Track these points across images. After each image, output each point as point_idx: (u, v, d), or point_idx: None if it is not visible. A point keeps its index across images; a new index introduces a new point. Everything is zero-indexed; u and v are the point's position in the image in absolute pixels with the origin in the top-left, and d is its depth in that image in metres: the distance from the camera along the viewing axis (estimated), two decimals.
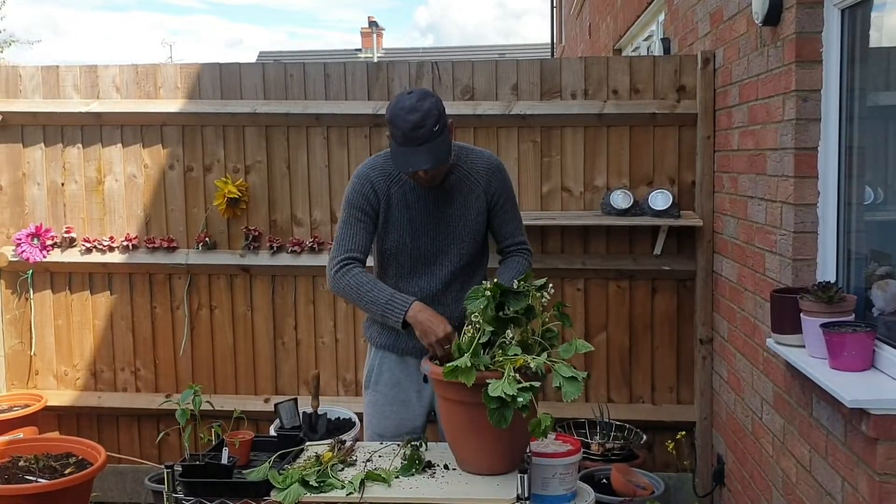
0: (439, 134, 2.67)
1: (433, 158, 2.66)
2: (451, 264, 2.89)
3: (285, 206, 4.19)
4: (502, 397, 2.26)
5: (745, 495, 3.38)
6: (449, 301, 2.88)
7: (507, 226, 2.97)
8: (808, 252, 2.76)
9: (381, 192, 2.82)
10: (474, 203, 2.88)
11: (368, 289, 2.75)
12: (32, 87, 4.27)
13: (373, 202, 2.82)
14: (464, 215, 2.87)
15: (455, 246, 2.89)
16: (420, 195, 2.83)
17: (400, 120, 2.63)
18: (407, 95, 2.68)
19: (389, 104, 2.71)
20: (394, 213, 2.84)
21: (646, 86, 3.98)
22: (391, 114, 2.67)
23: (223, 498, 2.49)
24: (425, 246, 2.87)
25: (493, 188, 2.90)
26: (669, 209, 3.86)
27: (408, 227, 2.84)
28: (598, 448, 3.84)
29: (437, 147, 2.67)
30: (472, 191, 2.87)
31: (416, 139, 2.62)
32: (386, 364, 2.97)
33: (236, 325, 4.27)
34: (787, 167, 2.80)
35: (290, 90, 4.14)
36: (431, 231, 2.86)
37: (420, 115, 2.62)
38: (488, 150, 3.15)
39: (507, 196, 2.95)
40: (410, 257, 2.88)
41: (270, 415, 4.03)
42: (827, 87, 2.70)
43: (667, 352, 4.08)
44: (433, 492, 2.47)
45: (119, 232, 4.28)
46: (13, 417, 3.99)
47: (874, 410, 2.06)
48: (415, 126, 2.62)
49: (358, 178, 2.86)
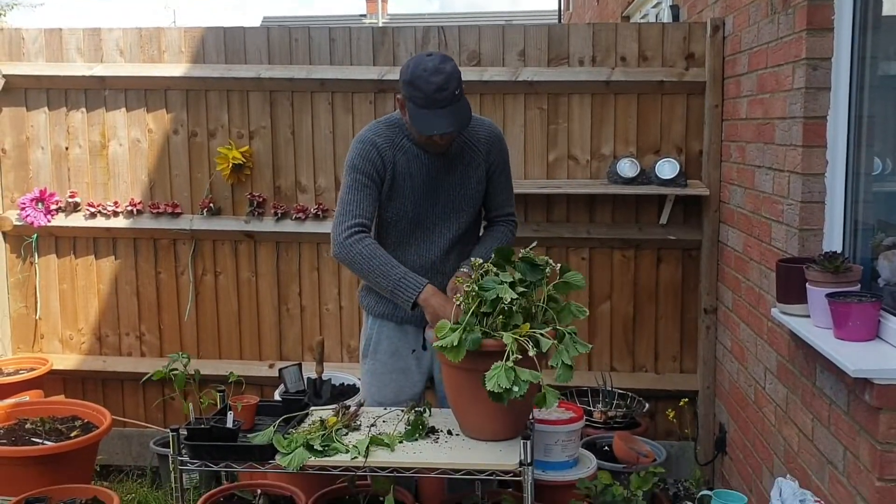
0: (460, 97, 2.66)
1: (456, 122, 2.66)
2: (451, 232, 2.89)
3: (289, 173, 4.18)
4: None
5: (746, 463, 3.40)
6: (447, 270, 2.88)
7: (500, 196, 2.97)
8: (815, 222, 2.74)
9: (387, 159, 2.80)
10: (475, 172, 2.87)
11: (381, 262, 2.71)
12: (35, 50, 4.24)
13: (379, 169, 2.79)
14: (464, 184, 2.86)
15: (455, 214, 2.88)
16: (423, 163, 2.82)
17: (423, 81, 2.60)
18: (428, 57, 2.65)
19: (408, 65, 2.67)
20: (398, 180, 2.82)
21: (654, 53, 3.94)
22: (412, 75, 2.63)
23: (228, 461, 2.52)
24: (426, 214, 2.86)
25: (492, 157, 2.90)
26: (676, 178, 3.84)
27: (410, 194, 2.83)
28: (601, 416, 3.86)
29: (460, 110, 2.66)
30: (474, 159, 2.86)
31: (440, 101, 2.61)
32: (384, 332, 2.97)
33: (241, 291, 4.27)
34: (796, 136, 2.78)
35: (295, 55, 4.11)
36: (432, 199, 2.85)
37: (444, 77, 2.61)
38: (489, 118, 3.13)
39: (504, 166, 2.95)
40: (410, 225, 2.87)
41: (275, 380, 4.07)
42: (838, 56, 2.66)
43: (670, 321, 4.08)
44: (437, 457, 2.50)
45: (123, 197, 4.27)
46: (19, 381, 4.02)
47: (878, 380, 2.06)
48: (439, 88, 2.60)
49: (363, 144, 2.81)
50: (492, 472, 2.46)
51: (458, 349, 2.37)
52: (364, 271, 2.75)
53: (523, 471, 2.42)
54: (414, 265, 2.83)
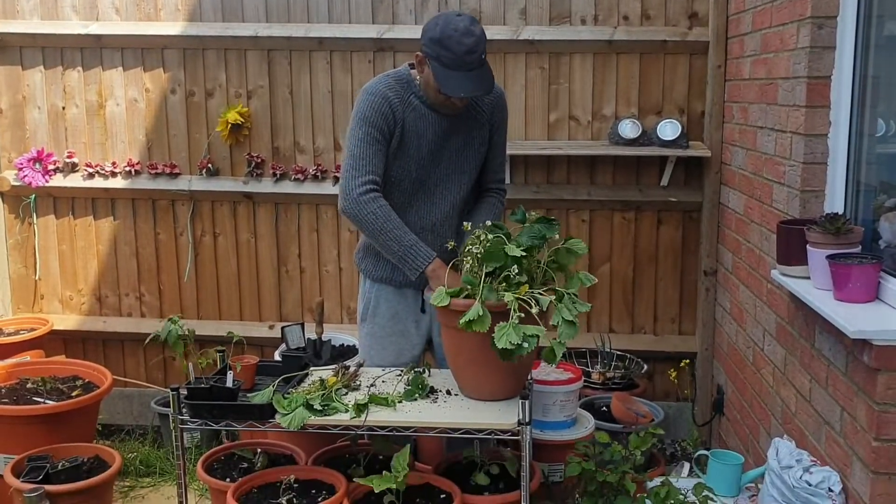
0: (485, 61, 2.65)
1: (484, 85, 2.64)
2: (452, 195, 2.87)
3: (288, 133, 4.15)
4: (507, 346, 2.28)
5: (743, 424, 3.42)
6: (446, 233, 2.87)
7: (495, 161, 2.95)
8: (817, 183, 2.72)
9: (398, 115, 2.74)
10: (479, 133, 2.85)
11: (394, 226, 2.69)
12: (30, 8, 4.18)
13: (390, 124, 2.73)
14: (468, 145, 2.84)
15: (457, 176, 2.86)
16: (430, 122, 2.78)
17: (454, 42, 2.56)
18: (458, 17, 2.62)
19: (436, 23, 2.62)
20: (405, 139, 2.77)
21: (657, 12, 3.88)
22: (442, 34, 2.58)
23: (228, 420, 2.53)
24: (429, 175, 2.83)
25: (495, 120, 2.87)
26: (678, 139, 3.81)
27: (415, 154, 2.79)
28: (599, 377, 3.88)
29: (486, 74, 2.66)
30: (478, 121, 2.84)
31: (469, 64, 2.58)
32: (383, 296, 2.96)
33: (240, 252, 4.27)
34: (799, 96, 2.75)
35: (293, 13, 4.05)
36: (437, 160, 2.82)
37: (475, 40, 2.59)
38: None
39: (503, 127, 2.94)
40: (413, 185, 2.83)
41: (275, 341, 4.09)
42: (843, 14, 2.62)
43: (670, 283, 4.08)
44: (435, 416, 2.51)
45: (121, 157, 4.24)
46: (20, 340, 4.03)
47: (877, 341, 2.06)
48: (469, 50, 2.57)
49: (374, 96, 2.72)
50: (490, 431, 2.48)
51: (483, 319, 2.35)
52: (374, 232, 2.70)
53: (521, 430, 2.43)
54: (414, 226, 2.81)
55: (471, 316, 2.34)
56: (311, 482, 2.79)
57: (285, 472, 2.83)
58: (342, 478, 2.73)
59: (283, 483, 2.75)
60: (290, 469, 2.86)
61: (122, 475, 3.75)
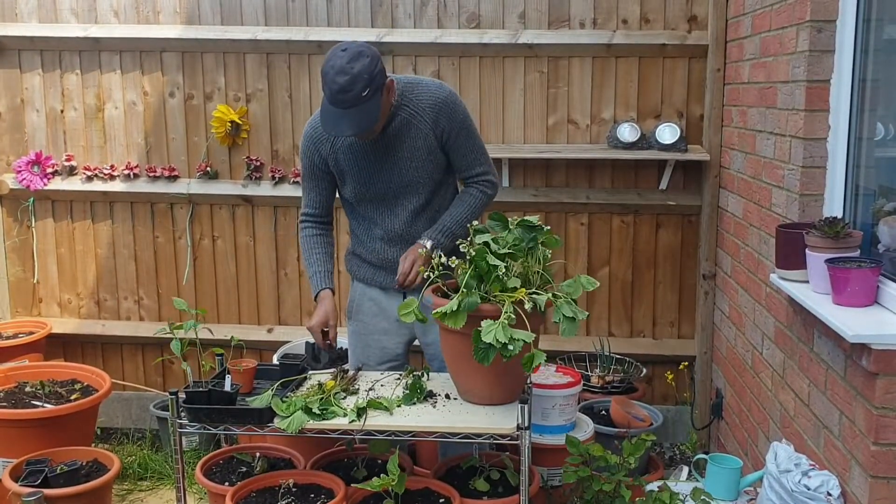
0: (368, 98, 2.55)
1: (355, 125, 2.57)
2: (412, 204, 2.88)
3: (287, 136, 4.14)
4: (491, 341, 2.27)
5: (742, 428, 3.42)
6: (417, 234, 2.88)
7: (463, 158, 2.87)
8: (816, 187, 2.72)
9: (325, 152, 2.85)
10: (423, 143, 2.79)
11: (307, 255, 2.98)
12: (28, 11, 4.18)
13: (317, 162, 2.88)
14: (413, 156, 2.81)
15: (412, 187, 2.86)
16: (365, 145, 2.80)
17: (329, 79, 2.54)
18: (341, 53, 2.55)
19: (326, 57, 2.60)
20: (343, 166, 2.85)
21: (656, 16, 3.89)
22: (322, 69, 2.58)
23: (226, 424, 2.53)
24: (382, 191, 2.86)
25: (441, 124, 2.78)
26: (677, 143, 3.81)
27: (359, 176, 2.85)
28: (599, 380, 3.88)
29: (363, 113, 2.56)
30: (420, 130, 2.78)
31: (342, 102, 2.53)
32: (367, 294, 3.02)
33: (239, 255, 4.26)
34: (798, 100, 2.75)
35: (292, 16, 4.05)
36: (385, 176, 2.83)
37: (348, 79, 2.51)
38: (438, 80, 2.97)
39: (458, 128, 2.81)
40: (370, 203, 2.90)
41: (273, 344, 4.09)
42: (843, 18, 2.62)
43: (669, 287, 4.08)
44: (434, 420, 2.51)
45: (119, 160, 4.24)
46: (18, 344, 4.02)
47: (875, 345, 2.06)
48: (341, 89, 2.52)
49: (304, 140, 2.90)
50: (489, 435, 2.47)
51: (458, 315, 2.37)
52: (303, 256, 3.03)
53: (520, 434, 2.43)
54: (383, 237, 2.92)
55: (446, 309, 2.35)
56: (310, 486, 2.78)
57: (284, 475, 2.83)
58: (341, 482, 2.73)
59: (282, 487, 2.75)
60: (289, 473, 2.85)
61: (121, 479, 3.75)
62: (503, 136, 4.03)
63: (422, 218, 2.89)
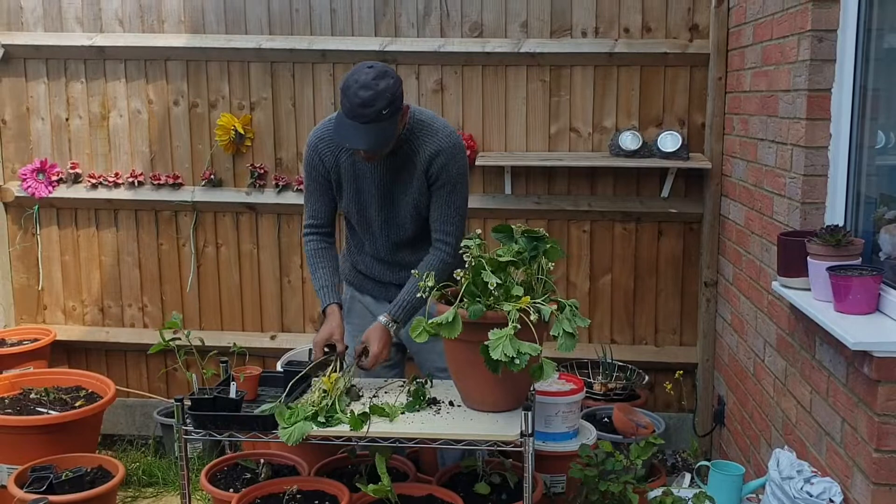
0: (387, 118, 2.59)
1: (370, 141, 2.60)
2: (397, 235, 2.92)
3: (291, 144, 4.17)
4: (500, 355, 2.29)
5: (744, 435, 3.43)
6: (403, 262, 2.94)
7: (436, 212, 2.84)
8: (818, 195, 2.74)
9: (328, 163, 2.87)
10: (416, 182, 2.83)
11: (313, 269, 2.97)
12: (34, 20, 4.20)
13: (321, 172, 2.89)
14: (406, 191, 2.85)
15: (400, 218, 2.89)
16: (367, 167, 2.83)
17: (351, 92, 2.57)
18: (367, 69, 2.60)
19: (349, 72, 2.64)
20: (342, 182, 2.89)
21: (658, 24, 3.91)
22: (344, 83, 2.61)
23: (231, 431, 2.54)
24: (371, 215, 2.91)
25: (432, 170, 2.78)
26: (678, 151, 3.83)
27: (355, 196, 2.88)
28: (601, 388, 3.89)
29: (379, 131, 2.59)
30: (415, 169, 2.81)
31: (362, 116, 2.56)
32: (358, 297, 3.10)
33: (242, 262, 4.28)
34: (800, 109, 2.77)
35: (296, 25, 4.08)
36: (378, 202, 2.87)
37: (372, 95, 2.55)
38: (452, 127, 2.91)
39: (444, 181, 2.78)
40: (359, 224, 2.95)
41: (277, 351, 4.10)
42: (844, 28, 2.64)
43: (671, 294, 4.10)
44: (438, 427, 2.52)
45: (124, 168, 4.26)
46: (23, 351, 4.04)
47: (877, 353, 2.07)
48: (364, 103, 2.55)
49: (308, 149, 2.92)
50: (493, 442, 2.48)
51: (453, 326, 2.39)
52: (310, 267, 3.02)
53: (524, 441, 2.44)
54: (372, 255, 2.99)
55: (441, 320, 2.38)
56: (314, 493, 2.80)
57: (288, 482, 2.84)
58: (345, 489, 2.74)
59: (287, 494, 2.76)
60: (294, 480, 2.87)
61: (125, 485, 3.76)
62: (505, 144, 4.05)
63: (406, 249, 2.95)
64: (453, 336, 2.38)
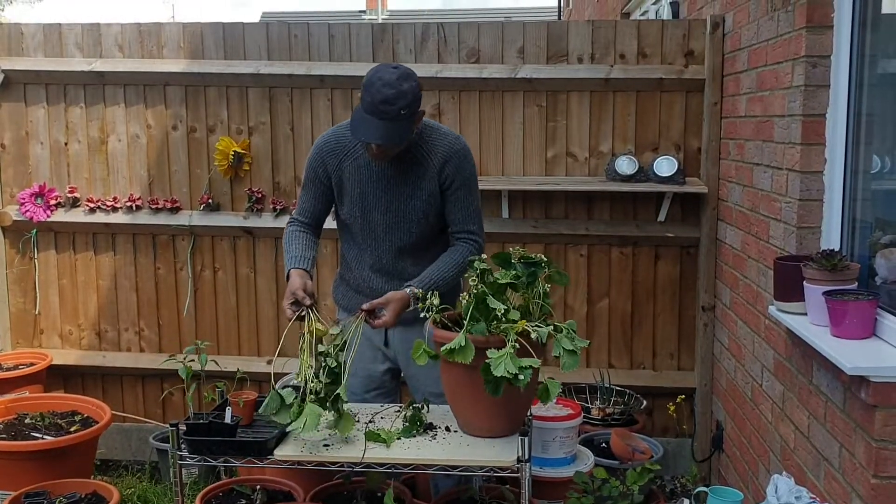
0: (405, 118, 2.64)
1: (386, 136, 2.64)
2: (401, 241, 2.91)
3: (289, 169, 4.18)
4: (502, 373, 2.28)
5: (742, 460, 3.41)
6: (402, 273, 2.91)
7: (457, 213, 2.89)
8: (813, 220, 2.75)
9: (331, 167, 2.88)
10: (427, 185, 2.85)
11: (287, 246, 2.91)
12: (34, 46, 4.24)
13: (321, 175, 2.90)
14: (414, 195, 2.86)
15: (405, 223, 2.89)
16: (373, 171, 2.84)
17: (374, 89, 2.61)
18: (392, 69, 2.65)
19: (371, 69, 2.68)
20: (346, 186, 2.88)
21: (653, 50, 3.94)
22: (368, 79, 2.65)
23: (226, 456, 2.52)
24: (376, 220, 2.90)
25: (445, 173, 2.83)
26: (674, 176, 3.84)
27: (359, 201, 2.88)
28: (599, 413, 3.87)
29: (397, 128, 2.64)
30: (426, 172, 2.84)
31: (382, 113, 2.60)
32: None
33: (239, 286, 4.28)
34: (795, 134, 2.78)
35: (294, 51, 4.11)
36: (382, 207, 2.87)
37: (394, 93, 2.60)
38: (458, 133, 3.02)
39: (460, 183, 2.85)
40: (362, 230, 2.93)
41: (275, 376, 4.07)
42: (837, 54, 2.67)
43: (668, 318, 4.09)
44: (434, 453, 2.50)
45: (122, 192, 4.27)
46: (19, 375, 4.02)
47: (874, 378, 2.07)
48: (386, 101, 2.59)
49: (314, 149, 2.94)
50: (489, 468, 2.47)
51: (465, 350, 2.37)
52: (284, 249, 2.95)
53: (520, 467, 2.42)
54: (371, 265, 2.95)
55: (454, 345, 2.37)
56: None
57: None
58: None
59: None
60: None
61: None
62: (503, 168, 4.07)
63: (408, 258, 2.93)
64: (468, 360, 2.36)
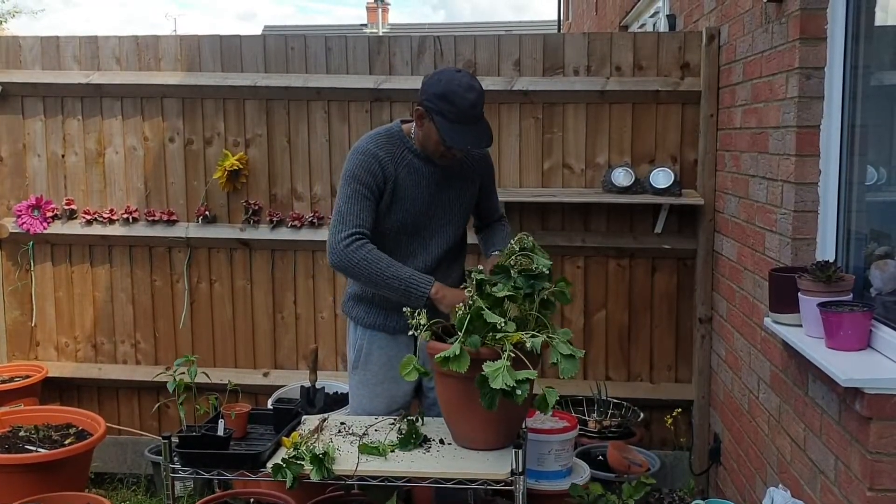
0: (483, 115, 2.78)
1: (487, 138, 2.78)
2: (444, 244, 2.94)
3: (286, 180, 4.18)
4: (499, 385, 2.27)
5: (740, 473, 3.39)
6: (440, 276, 2.88)
7: (492, 202, 3.15)
8: (808, 231, 2.74)
9: (388, 172, 2.80)
10: (470, 186, 2.98)
11: (387, 265, 2.72)
12: (32, 58, 4.25)
13: (379, 182, 2.79)
14: (459, 197, 2.95)
15: (450, 227, 2.94)
16: (423, 176, 2.85)
17: (458, 97, 2.67)
18: (458, 73, 2.74)
19: (438, 79, 2.71)
20: (399, 193, 2.83)
21: (649, 63, 3.95)
22: (446, 89, 2.67)
23: (219, 469, 2.51)
24: (424, 225, 2.90)
25: (480, 171, 3.02)
26: (671, 187, 3.84)
27: (410, 207, 2.86)
28: (596, 425, 3.85)
29: (487, 127, 2.80)
30: (469, 174, 2.97)
31: (473, 118, 2.71)
32: (377, 342, 2.95)
33: (236, 298, 4.27)
34: (789, 145, 2.79)
35: (292, 63, 4.12)
36: (430, 212, 2.90)
37: (476, 95, 2.72)
38: None
39: (491, 177, 3.10)
40: (408, 235, 2.89)
41: (269, 388, 4.07)
42: (831, 65, 2.67)
43: (666, 330, 4.08)
44: (428, 466, 2.49)
45: (119, 204, 4.27)
46: (14, 388, 4.01)
47: (868, 390, 2.06)
48: (472, 104, 2.70)
49: (365, 156, 2.79)
50: (483, 481, 2.45)
51: (461, 359, 2.36)
52: (370, 276, 2.72)
53: (515, 480, 2.41)
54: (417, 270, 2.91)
55: (448, 353, 2.36)
56: None
57: None
58: None
59: None
60: None
61: None
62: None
63: (445, 260, 2.96)
64: (463, 369, 2.35)
